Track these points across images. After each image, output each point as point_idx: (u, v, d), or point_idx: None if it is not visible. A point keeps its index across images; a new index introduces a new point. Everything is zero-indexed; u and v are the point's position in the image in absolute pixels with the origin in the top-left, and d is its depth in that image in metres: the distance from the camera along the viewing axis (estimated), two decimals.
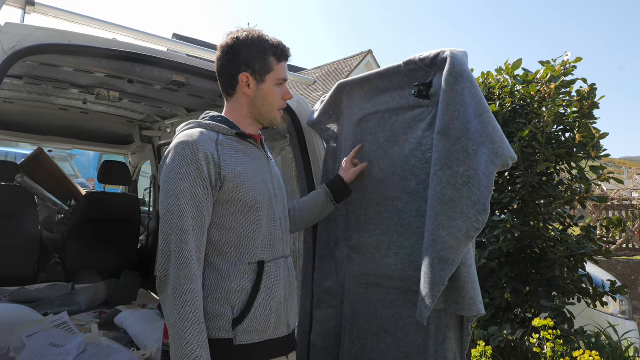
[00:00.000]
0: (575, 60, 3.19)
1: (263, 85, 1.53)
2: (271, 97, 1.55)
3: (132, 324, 2.69)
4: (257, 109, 1.56)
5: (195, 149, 1.37)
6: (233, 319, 1.41)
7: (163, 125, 3.80)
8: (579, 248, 3.12)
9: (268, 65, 1.52)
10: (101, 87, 2.79)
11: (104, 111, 3.58)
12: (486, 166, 1.50)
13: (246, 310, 1.42)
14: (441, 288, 1.57)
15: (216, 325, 1.40)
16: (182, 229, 1.33)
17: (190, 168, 1.35)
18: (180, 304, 1.31)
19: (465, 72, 1.61)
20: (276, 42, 1.54)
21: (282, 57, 1.55)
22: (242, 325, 1.41)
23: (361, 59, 13.69)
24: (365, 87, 2.02)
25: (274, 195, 1.56)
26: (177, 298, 1.31)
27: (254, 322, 1.43)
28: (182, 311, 1.31)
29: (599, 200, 3.30)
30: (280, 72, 1.55)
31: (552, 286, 3.14)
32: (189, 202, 1.35)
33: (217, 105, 2.90)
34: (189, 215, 1.34)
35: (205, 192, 1.37)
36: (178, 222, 1.33)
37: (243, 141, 1.53)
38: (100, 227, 3.79)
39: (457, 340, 1.73)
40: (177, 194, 1.34)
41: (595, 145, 3.07)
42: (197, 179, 1.36)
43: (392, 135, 1.92)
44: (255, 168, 1.51)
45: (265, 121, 1.60)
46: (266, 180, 1.54)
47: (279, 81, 1.55)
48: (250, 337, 1.43)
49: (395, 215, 1.90)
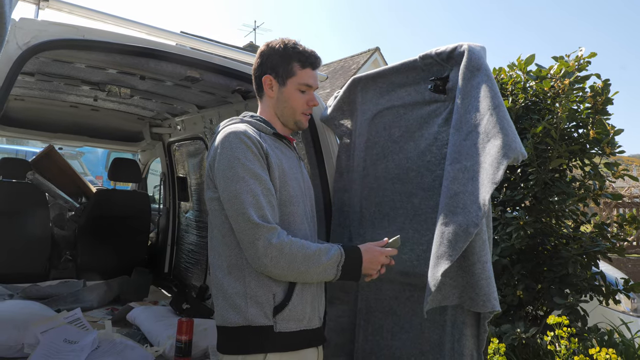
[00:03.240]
0: (590, 56, 3.15)
1: (285, 88, 1.60)
2: (292, 100, 1.61)
3: (145, 321, 2.70)
4: (280, 111, 1.63)
5: (245, 136, 1.45)
6: (274, 307, 1.46)
7: (173, 122, 3.80)
8: (593, 245, 3.08)
9: (291, 69, 1.59)
10: (112, 83, 2.79)
11: (114, 108, 3.59)
12: (496, 158, 1.46)
13: (286, 299, 1.48)
14: (437, 282, 1.54)
15: (258, 311, 1.46)
16: (257, 206, 1.38)
17: (246, 152, 1.43)
18: (289, 259, 1.40)
19: (482, 66, 1.58)
20: (303, 49, 1.61)
21: (306, 64, 1.61)
22: (282, 314, 1.47)
23: (368, 56, 13.64)
24: (379, 82, 2.00)
25: (304, 193, 1.64)
26: (286, 256, 1.39)
27: (292, 311, 1.49)
28: (294, 261, 1.40)
29: (612, 198, 3.26)
30: (303, 78, 1.60)
31: (565, 283, 3.11)
32: (255, 182, 1.41)
33: (228, 102, 2.90)
34: (259, 192, 1.40)
35: (264, 172, 1.45)
36: (252, 200, 1.38)
37: (279, 140, 1.62)
38: (110, 224, 3.81)
39: (474, 337, 1.72)
40: (242, 177, 1.40)
41: (610, 141, 3.03)
42: (255, 161, 1.43)
43: (407, 131, 1.90)
44: (289, 166, 1.59)
45: (290, 124, 1.66)
46: (299, 179, 1.61)
47: (301, 86, 1.61)
48: (289, 326, 1.49)
49: (410, 212, 1.88)
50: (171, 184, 4.28)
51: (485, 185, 1.46)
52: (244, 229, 1.38)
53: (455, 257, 1.50)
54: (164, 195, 4.45)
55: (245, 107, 2.76)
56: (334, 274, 1.48)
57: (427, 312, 1.78)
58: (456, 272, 1.61)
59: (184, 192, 4.10)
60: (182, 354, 2.28)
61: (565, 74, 3.12)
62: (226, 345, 1.50)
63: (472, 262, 1.56)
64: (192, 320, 2.35)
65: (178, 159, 4.19)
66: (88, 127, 4.10)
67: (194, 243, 3.92)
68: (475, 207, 1.48)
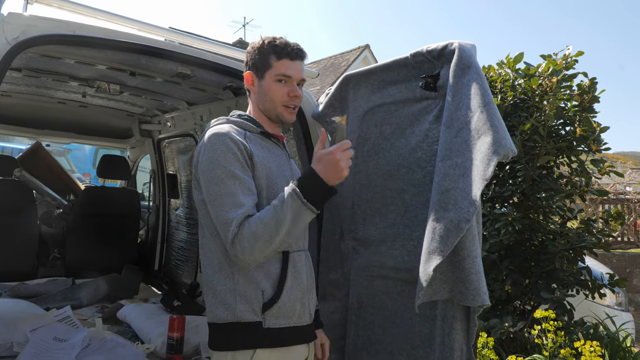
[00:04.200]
0: (577, 54, 3.20)
1: (263, 81, 1.60)
2: (271, 92, 1.59)
3: (135, 318, 2.69)
4: (262, 105, 1.62)
5: (227, 137, 1.46)
6: (263, 303, 1.47)
7: (163, 119, 3.78)
8: (579, 241, 3.14)
9: (267, 62, 1.59)
10: (101, 80, 2.77)
11: (103, 104, 3.56)
12: (486, 155, 1.48)
13: (276, 296, 1.48)
14: (428, 277, 1.55)
15: (247, 307, 1.46)
16: (237, 204, 1.39)
17: (226, 153, 1.43)
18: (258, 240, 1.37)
19: (473, 63, 1.60)
20: (280, 42, 1.60)
21: (282, 55, 1.58)
22: (272, 310, 1.47)
23: (358, 53, 13.64)
24: (371, 79, 2.01)
25: None
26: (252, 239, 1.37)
27: (282, 307, 1.49)
28: (263, 238, 1.37)
29: (598, 194, 3.32)
30: (279, 68, 1.58)
31: (552, 278, 3.17)
32: (234, 183, 1.42)
33: (219, 99, 2.89)
34: (239, 192, 1.41)
35: (245, 172, 1.45)
36: (230, 201, 1.39)
37: (267, 139, 1.61)
38: (99, 221, 3.78)
39: (464, 331, 1.74)
40: (221, 179, 1.41)
41: (596, 138, 3.09)
42: (235, 162, 1.43)
43: (398, 128, 1.92)
44: (277, 164, 1.59)
45: (273, 117, 1.64)
46: (287, 177, 1.60)
47: (277, 76, 1.58)
48: (278, 322, 1.49)
49: (401, 208, 1.90)
50: (161, 181, 4.25)
51: (476, 182, 1.48)
52: (222, 230, 1.40)
53: (447, 253, 1.52)
54: (153, 193, 4.42)
55: (236, 104, 2.76)
56: (306, 209, 1.39)
57: (417, 307, 1.80)
58: (447, 266, 1.63)
59: (174, 189, 4.08)
60: (174, 351, 2.28)
61: (553, 72, 3.17)
62: (216, 342, 1.51)
63: (463, 257, 1.58)
64: (184, 317, 2.34)
65: (168, 156, 4.16)
66: (76, 124, 4.06)
67: (184, 240, 3.90)
68: (467, 203, 1.50)
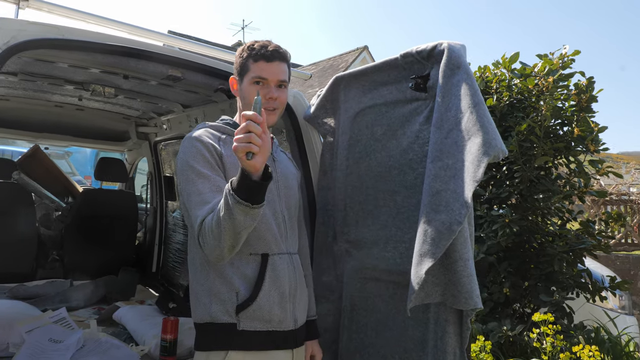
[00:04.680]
0: (573, 54, 3.17)
1: (242, 85, 1.63)
2: (248, 94, 1.60)
3: (131, 320, 2.69)
4: (243, 108, 1.64)
5: (198, 140, 1.50)
6: (237, 305, 1.47)
7: (159, 122, 3.78)
8: (578, 243, 3.11)
9: (246, 66, 1.61)
10: (96, 83, 2.77)
11: (99, 108, 3.56)
12: (476, 156, 1.47)
13: (251, 299, 1.48)
14: (420, 281, 1.54)
15: (221, 308, 1.46)
16: (203, 202, 1.40)
17: (196, 155, 1.47)
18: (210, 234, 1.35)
19: (462, 64, 1.59)
20: (257, 45, 1.61)
21: (257, 57, 1.59)
22: (246, 312, 1.47)
23: (357, 54, 13.60)
24: (362, 80, 2.00)
25: (277, 194, 1.63)
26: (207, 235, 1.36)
27: (257, 311, 1.48)
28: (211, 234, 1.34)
29: (597, 195, 3.29)
30: (255, 71, 1.59)
31: (551, 281, 3.13)
32: (203, 181, 1.44)
33: (213, 101, 2.89)
34: (206, 190, 1.43)
35: (213, 172, 1.47)
36: (197, 199, 1.41)
37: None
38: (97, 223, 3.79)
39: (457, 335, 1.72)
40: (191, 179, 1.44)
41: (594, 138, 3.06)
42: (203, 162, 1.47)
43: (389, 129, 1.91)
44: None
45: None
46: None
47: (254, 79, 1.59)
48: (253, 325, 1.48)
49: (393, 209, 1.89)
50: (158, 183, 4.26)
51: (467, 183, 1.47)
52: (191, 228, 1.44)
53: (439, 255, 1.51)
54: (151, 195, 4.43)
55: (230, 106, 2.75)
56: (235, 201, 1.26)
57: (410, 310, 1.79)
58: (438, 269, 1.61)
59: (171, 191, 4.08)
60: (167, 353, 2.27)
61: (549, 71, 3.14)
62: (196, 342, 1.52)
63: (454, 260, 1.57)
64: (178, 319, 2.34)
65: (165, 158, 4.17)
66: (73, 127, 4.07)
67: (181, 242, 3.90)
68: (458, 205, 1.49)
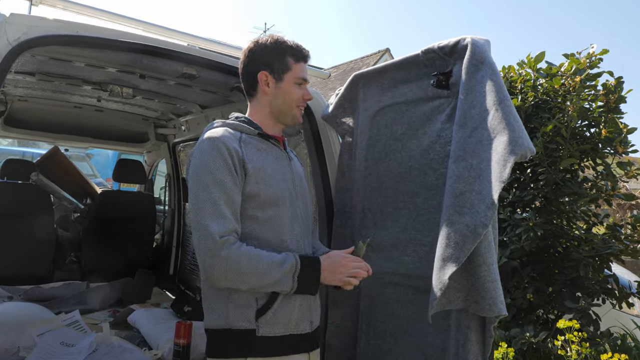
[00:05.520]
0: (601, 53, 3.06)
1: (282, 83, 1.58)
2: (290, 94, 1.58)
3: (145, 323, 2.66)
4: (277, 108, 1.60)
5: (220, 142, 1.42)
6: (257, 310, 1.43)
7: (178, 123, 3.78)
8: (605, 247, 3.00)
9: (286, 64, 1.57)
10: (114, 83, 2.77)
11: (118, 109, 3.57)
12: (502, 155, 1.40)
13: (270, 303, 1.44)
14: (443, 286, 1.48)
15: (240, 315, 1.43)
16: (216, 214, 1.36)
17: (216, 160, 1.40)
18: (237, 272, 1.34)
19: (486, 59, 1.52)
20: (294, 44, 1.60)
21: (299, 58, 1.59)
22: (265, 317, 1.43)
23: (378, 57, 13.58)
24: (381, 78, 1.94)
25: (294, 193, 1.60)
26: (234, 268, 1.34)
27: (277, 315, 1.45)
28: (243, 275, 1.35)
29: (625, 198, 3.17)
30: (299, 72, 1.59)
31: (577, 286, 3.02)
32: (219, 190, 1.38)
33: (231, 101, 2.86)
34: (221, 202, 1.37)
35: (233, 180, 1.41)
36: (212, 209, 1.36)
37: (265, 141, 1.58)
38: (115, 225, 3.79)
39: (479, 342, 1.65)
40: (206, 185, 1.38)
41: (623, 140, 2.95)
42: (224, 169, 1.40)
43: (409, 128, 1.85)
44: (276, 167, 1.55)
45: (287, 120, 1.63)
46: (287, 180, 1.57)
47: (297, 80, 1.58)
48: (273, 330, 1.45)
49: (413, 212, 1.82)
50: (176, 185, 4.25)
51: (493, 184, 1.40)
52: (197, 238, 1.36)
53: (463, 260, 1.44)
54: (169, 197, 4.42)
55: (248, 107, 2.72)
56: (290, 285, 1.40)
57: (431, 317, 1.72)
58: (461, 274, 1.55)
59: None
60: (180, 358, 2.24)
61: (576, 71, 3.05)
62: (210, 349, 1.48)
63: (478, 264, 1.50)
64: (191, 323, 2.30)
65: (183, 160, 4.16)
66: (93, 128, 4.08)
67: None
68: (484, 207, 1.42)
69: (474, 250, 1.48)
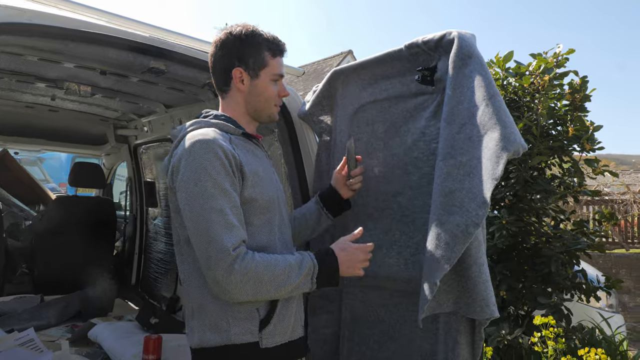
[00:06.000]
0: (568, 52, 3.13)
1: (257, 80, 1.48)
2: (267, 92, 1.49)
3: (108, 338, 2.49)
4: (253, 106, 1.50)
5: (215, 145, 1.31)
6: (260, 321, 1.36)
7: (140, 124, 3.59)
8: (575, 243, 3.05)
9: (262, 59, 1.46)
10: (71, 80, 2.57)
11: (74, 109, 3.35)
12: (494, 152, 1.36)
13: (271, 312, 1.38)
14: (434, 289, 1.43)
15: (242, 329, 1.34)
16: (226, 226, 1.25)
17: (215, 164, 1.28)
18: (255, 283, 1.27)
19: (474, 53, 1.48)
20: (271, 37, 1.49)
21: (277, 52, 1.49)
22: (268, 328, 1.37)
23: (341, 59, 13.61)
24: (362, 74, 1.87)
25: (281, 195, 1.53)
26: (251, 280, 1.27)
27: (278, 324, 1.39)
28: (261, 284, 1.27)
29: (592, 194, 3.24)
30: (276, 68, 1.49)
31: (548, 282, 3.07)
32: (224, 199, 1.27)
33: (199, 100, 2.72)
34: (228, 210, 1.27)
35: (234, 187, 1.32)
36: (221, 220, 1.25)
37: (249, 141, 1.49)
38: (71, 233, 3.56)
39: (469, 345, 1.61)
40: (211, 194, 1.26)
41: (590, 137, 3.01)
42: (224, 175, 1.29)
43: (392, 126, 1.78)
44: (263, 167, 1.47)
45: (263, 118, 1.54)
46: (274, 181, 1.50)
47: (274, 77, 1.49)
48: (274, 340, 1.38)
49: (397, 212, 1.76)
50: (138, 189, 4.06)
51: (485, 182, 1.35)
52: (206, 251, 1.24)
53: (454, 261, 1.39)
54: (130, 202, 4.22)
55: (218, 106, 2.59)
56: (309, 287, 1.37)
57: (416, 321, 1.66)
58: (450, 276, 1.50)
59: (152, 197, 3.88)
60: None
61: (544, 70, 3.09)
62: None
63: (469, 265, 1.45)
64: (160, 337, 2.16)
65: (145, 163, 3.97)
66: (46, 130, 3.83)
67: (164, 252, 3.71)
68: (474, 205, 1.37)
69: (464, 250, 1.43)
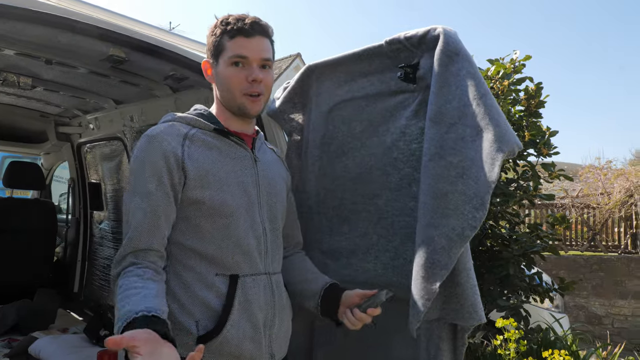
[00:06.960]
0: (525, 59, 3.21)
1: (218, 68, 1.35)
2: (227, 78, 1.33)
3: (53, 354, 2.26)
4: (222, 96, 1.38)
5: (155, 141, 1.26)
6: (198, 337, 1.23)
7: (84, 121, 3.34)
8: (531, 246, 3.12)
9: (221, 44, 1.33)
10: (9, 71, 2.33)
11: (11, 103, 3.07)
12: (489, 153, 1.32)
13: (215, 331, 1.24)
14: (432, 296, 1.37)
15: (179, 340, 1.19)
16: (135, 227, 1.22)
17: (145, 165, 1.25)
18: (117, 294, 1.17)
19: (461, 50, 1.43)
20: (225, 17, 1.35)
21: (234, 32, 1.31)
22: (210, 346, 1.21)
23: (290, 61, 13.55)
24: (338, 71, 1.79)
25: (257, 201, 1.37)
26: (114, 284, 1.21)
27: (225, 345, 1.24)
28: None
29: (547, 198, 3.33)
30: (233, 49, 1.31)
31: (506, 285, 3.11)
32: (143, 200, 1.23)
33: (154, 95, 2.54)
34: (140, 214, 1.23)
35: (161, 187, 1.24)
36: (131, 219, 1.23)
37: (223, 138, 1.36)
38: (7, 238, 3.26)
39: (451, 352, 1.56)
40: (133, 191, 1.25)
41: (546, 142, 3.09)
42: (152, 177, 1.24)
43: (370, 125, 1.71)
44: (231, 169, 1.33)
45: (234, 110, 1.38)
46: (246, 184, 1.35)
47: (232, 59, 1.31)
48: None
49: (374, 215, 1.69)
50: (82, 191, 3.78)
51: (482, 184, 1.30)
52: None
53: (451, 266, 1.33)
54: (72, 205, 3.92)
55: (175, 102, 2.43)
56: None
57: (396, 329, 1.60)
58: None
59: (97, 200, 3.62)
60: None
61: (503, 75, 3.15)
62: None
63: (458, 271, 1.40)
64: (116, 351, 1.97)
65: (90, 163, 3.70)
66: None
67: (110, 257, 3.46)
68: (470, 208, 1.32)
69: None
